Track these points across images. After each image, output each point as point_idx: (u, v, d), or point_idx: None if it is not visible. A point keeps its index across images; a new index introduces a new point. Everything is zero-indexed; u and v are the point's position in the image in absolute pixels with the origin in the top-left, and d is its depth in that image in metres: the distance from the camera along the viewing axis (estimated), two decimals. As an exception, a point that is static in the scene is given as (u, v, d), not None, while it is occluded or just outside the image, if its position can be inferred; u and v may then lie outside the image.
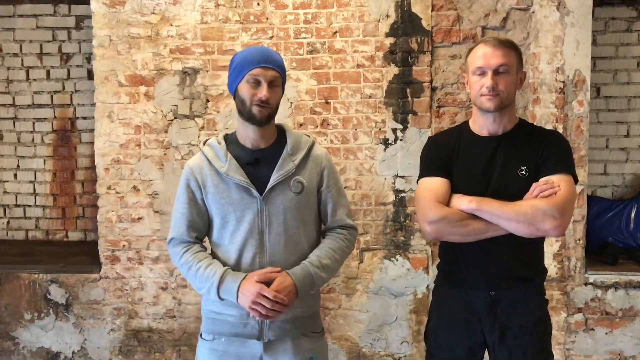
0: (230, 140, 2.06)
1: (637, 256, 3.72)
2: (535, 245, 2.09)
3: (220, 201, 1.99)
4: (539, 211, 1.92)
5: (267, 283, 1.90)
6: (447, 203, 2.04)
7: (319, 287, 2.02)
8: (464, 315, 2.08)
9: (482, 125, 2.11)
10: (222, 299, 1.96)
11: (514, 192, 2.00)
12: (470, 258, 2.06)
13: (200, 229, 2.06)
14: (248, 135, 2.02)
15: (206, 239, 2.12)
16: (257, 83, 1.93)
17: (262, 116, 1.94)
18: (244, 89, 1.95)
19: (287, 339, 2.00)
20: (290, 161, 2.01)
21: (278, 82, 1.97)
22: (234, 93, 2.00)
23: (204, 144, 2.09)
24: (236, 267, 1.99)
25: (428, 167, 2.13)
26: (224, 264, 2.00)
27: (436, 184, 2.07)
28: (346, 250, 2.09)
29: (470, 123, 2.16)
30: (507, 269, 2.05)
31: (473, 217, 1.99)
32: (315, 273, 1.97)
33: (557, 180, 1.98)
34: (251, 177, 1.98)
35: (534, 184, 1.99)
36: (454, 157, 2.10)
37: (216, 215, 2.01)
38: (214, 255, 2.06)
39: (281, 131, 2.09)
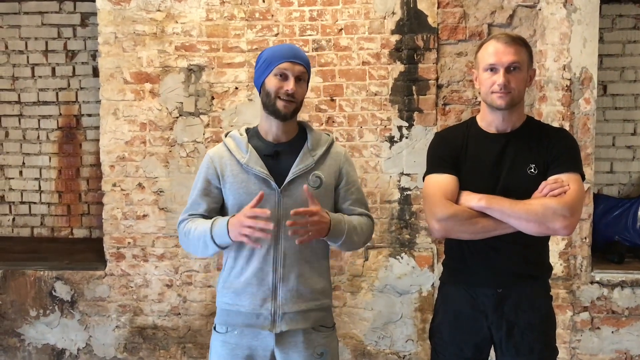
0: (252, 133, 2.10)
1: (644, 255, 3.70)
2: (541, 243, 2.09)
3: (239, 191, 2.01)
4: (550, 210, 1.91)
5: None
6: (456, 200, 2.03)
7: (344, 242, 2.00)
8: (470, 312, 2.07)
9: (490, 122, 2.09)
10: (221, 247, 1.97)
11: (522, 190, 1.99)
12: (477, 255, 2.05)
13: (211, 216, 2.07)
14: (271, 129, 2.05)
15: None
16: (284, 77, 1.97)
17: (287, 111, 1.98)
18: (271, 82, 1.97)
19: (298, 332, 2.02)
20: (310, 156, 2.04)
21: (304, 77, 2.01)
22: (260, 87, 2.02)
23: (226, 135, 2.11)
24: (250, 256, 2.01)
25: (436, 163, 2.12)
26: (238, 250, 2.02)
27: (445, 181, 2.06)
28: (368, 229, 2.11)
29: (478, 119, 2.15)
30: (515, 266, 2.04)
31: (482, 214, 1.98)
32: (348, 224, 1.99)
33: (567, 179, 1.97)
34: (271, 170, 2.00)
35: (543, 183, 1.98)
36: (463, 154, 2.09)
37: (232, 205, 2.03)
38: None
39: (302, 128, 2.12)
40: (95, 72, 4.03)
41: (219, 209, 2.08)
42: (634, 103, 3.97)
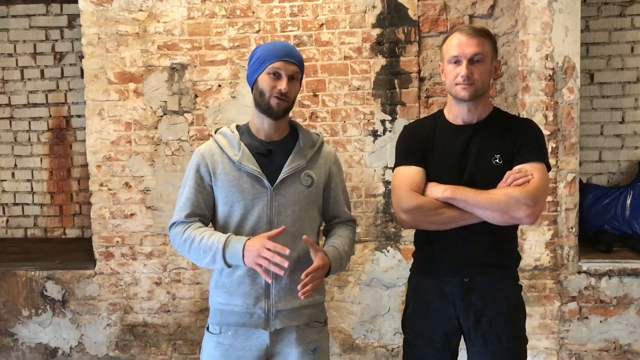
0: (243, 131, 2.09)
1: (632, 244, 3.68)
2: (509, 232, 2.09)
3: (231, 189, 2.00)
4: (513, 199, 1.93)
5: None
6: (423, 192, 2.05)
7: (340, 271, 2.07)
8: (439, 302, 2.09)
9: (456, 114, 2.10)
10: (228, 265, 1.95)
11: (488, 180, 2.00)
12: (445, 245, 2.07)
13: (205, 214, 2.06)
14: (263, 127, 2.04)
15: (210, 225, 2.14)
16: (277, 76, 1.96)
17: (280, 109, 1.97)
18: (264, 81, 1.97)
19: (292, 329, 2.03)
20: (302, 155, 2.04)
21: (297, 76, 2.01)
22: (252, 84, 2.02)
23: (216, 132, 2.10)
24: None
25: (403, 155, 2.14)
26: None
27: (411, 173, 2.07)
28: (354, 238, 2.18)
29: (445, 112, 2.16)
30: (482, 255, 2.05)
31: (448, 205, 1.99)
32: (343, 257, 2.04)
33: (530, 169, 1.98)
34: (263, 168, 2.00)
35: (508, 173, 2.00)
36: (429, 146, 2.11)
37: (223, 203, 2.02)
38: None
39: (292, 126, 2.12)
40: (83, 73, 4.06)
41: (212, 207, 2.06)
42: (622, 91, 3.95)
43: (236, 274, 2.01)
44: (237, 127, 2.11)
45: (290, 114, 3.43)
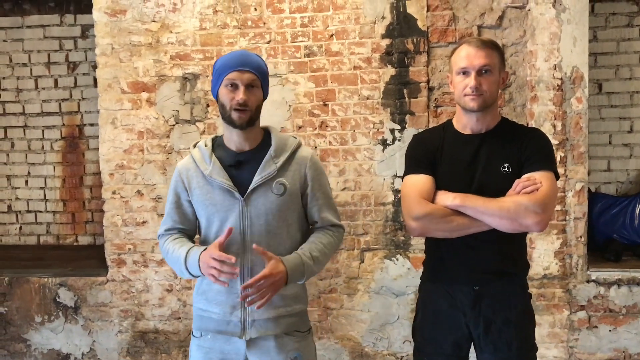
0: (219, 143, 2.10)
1: (641, 253, 3.69)
2: (518, 240, 2.11)
3: (205, 202, 2.03)
4: (522, 207, 1.95)
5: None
6: (432, 199, 2.07)
7: (307, 278, 2.03)
8: (448, 310, 2.11)
9: (465, 124, 2.13)
10: (194, 276, 2.03)
11: (497, 188, 2.03)
12: (454, 253, 2.09)
13: (185, 228, 2.13)
14: (232, 138, 2.04)
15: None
16: (235, 87, 1.95)
17: (242, 121, 1.96)
18: (223, 94, 1.97)
19: (270, 337, 2.03)
20: (272, 163, 2.01)
21: (256, 83, 1.98)
22: (216, 98, 2.03)
23: (194, 146, 2.13)
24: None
25: (413, 164, 2.17)
26: None
27: (421, 181, 2.10)
28: (335, 246, 2.11)
29: (454, 122, 2.19)
30: (491, 263, 2.07)
31: (457, 213, 2.02)
32: (306, 263, 1.98)
33: (539, 177, 2.00)
34: (234, 180, 2.00)
35: (517, 181, 2.02)
36: (438, 155, 2.13)
37: (202, 216, 2.07)
38: None
39: (267, 134, 2.10)
40: (96, 83, 4.11)
41: (194, 220, 2.12)
42: (630, 101, 3.97)
43: (215, 284, 2.00)
44: (215, 138, 2.12)
45: (301, 123, 3.53)
